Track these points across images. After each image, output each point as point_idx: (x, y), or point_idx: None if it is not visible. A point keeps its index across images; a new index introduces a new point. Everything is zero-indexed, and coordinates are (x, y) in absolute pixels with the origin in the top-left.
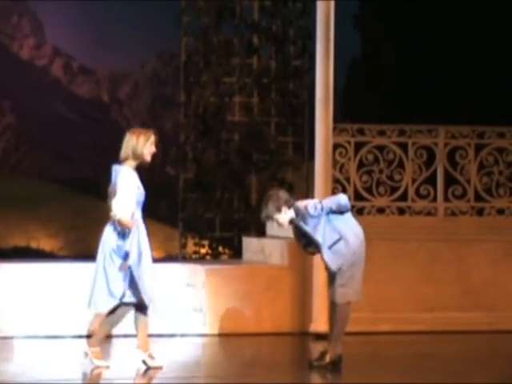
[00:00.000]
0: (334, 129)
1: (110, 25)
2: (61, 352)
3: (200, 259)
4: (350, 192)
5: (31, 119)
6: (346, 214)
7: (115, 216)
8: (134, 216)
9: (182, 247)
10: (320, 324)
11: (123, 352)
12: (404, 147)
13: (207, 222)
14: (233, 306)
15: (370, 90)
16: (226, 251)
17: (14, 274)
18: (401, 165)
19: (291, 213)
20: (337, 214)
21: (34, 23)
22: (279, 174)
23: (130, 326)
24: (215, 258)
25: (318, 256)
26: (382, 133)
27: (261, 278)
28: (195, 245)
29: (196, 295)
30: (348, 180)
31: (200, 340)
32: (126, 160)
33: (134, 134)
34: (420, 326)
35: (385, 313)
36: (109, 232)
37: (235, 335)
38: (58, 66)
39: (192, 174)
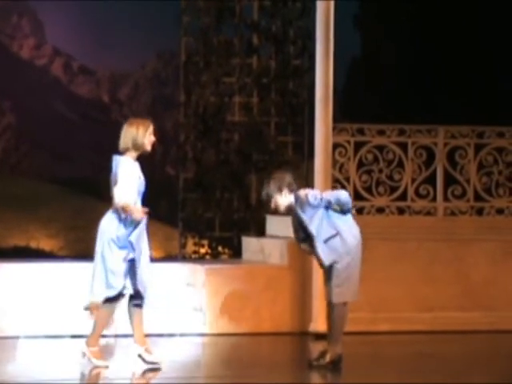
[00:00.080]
0: (334, 128)
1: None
2: (60, 352)
3: (200, 259)
4: (350, 192)
5: (31, 119)
6: (347, 213)
7: (118, 204)
8: (135, 206)
9: (181, 247)
10: (320, 324)
11: (123, 351)
12: (404, 147)
13: (207, 221)
14: (232, 306)
15: (369, 89)
16: (226, 251)
17: (14, 274)
18: (400, 164)
19: (291, 197)
20: (338, 212)
21: (33, 23)
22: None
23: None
24: (215, 257)
25: None
26: (381, 132)
27: (260, 278)
28: (195, 244)
29: (196, 295)
30: (348, 180)
31: (200, 340)
32: (126, 151)
33: (133, 125)
34: (419, 325)
35: (384, 312)
36: (108, 220)
37: (235, 335)
38: (58, 66)
39: (192, 173)
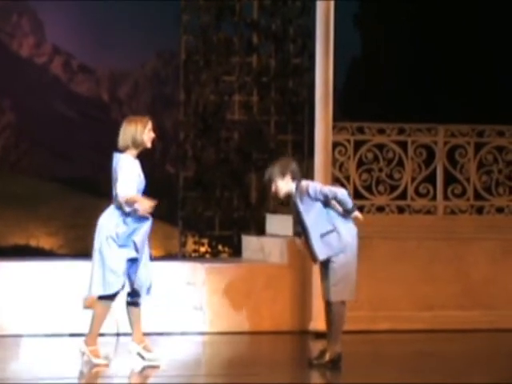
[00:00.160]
0: (334, 127)
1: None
2: (59, 350)
3: (199, 258)
4: (350, 190)
5: (31, 117)
6: (349, 215)
7: (123, 198)
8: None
9: (181, 246)
10: (320, 322)
11: (123, 350)
12: (403, 146)
13: (207, 220)
14: (233, 305)
15: (369, 89)
16: (226, 250)
17: (14, 273)
18: (400, 163)
19: (292, 185)
20: (338, 213)
21: (33, 22)
22: None
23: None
24: (215, 256)
25: None
26: (381, 131)
27: (260, 277)
28: (195, 243)
29: (196, 293)
30: (347, 178)
31: (200, 338)
32: (126, 149)
33: (132, 123)
34: (419, 324)
35: (384, 311)
36: (107, 217)
37: (235, 333)
38: (58, 65)
39: (192, 172)
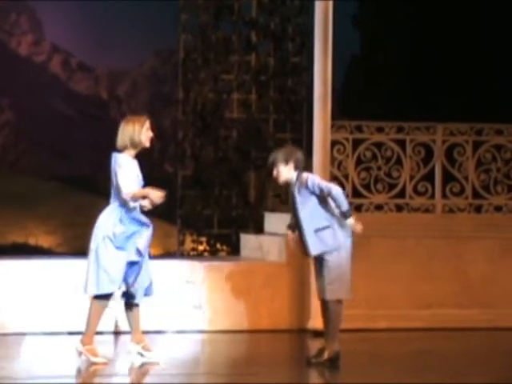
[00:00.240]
0: (332, 126)
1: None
2: (58, 348)
3: (198, 256)
4: (348, 189)
5: (30, 116)
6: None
7: (128, 194)
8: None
9: (180, 244)
10: (318, 321)
11: (121, 348)
12: (402, 144)
13: (205, 218)
14: (231, 303)
15: (368, 88)
16: (224, 248)
17: (13, 271)
18: (399, 162)
19: (294, 174)
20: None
21: (32, 22)
22: None
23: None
24: (213, 254)
25: None
26: (380, 130)
27: (259, 275)
28: (193, 242)
29: (195, 292)
30: (346, 177)
31: (199, 336)
32: (124, 149)
33: (130, 123)
34: (418, 322)
35: (382, 310)
36: (105, 216)
37: (234, 332)
38: (57, 63)
39: (190, 170)
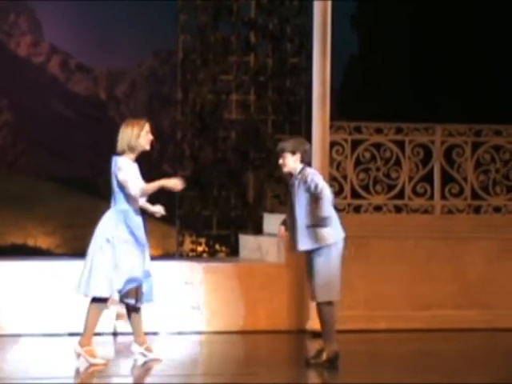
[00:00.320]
0: (331, 127)
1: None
2: (57, 349)
3: (197, 257)
4: (347, 190)
5: (28, 117)
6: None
7: (138, 193)
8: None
9: (179, 245)
10: (317, 322)
11: (121, 349)
12: (401, 145)
13: (204, 219)
14: (230, 304)
15: (367, 88)
16: (223, 249)
17: (11, 272)
18: (398, 163)
19: (299, 166)
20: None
21: (31, 22)
22: (276, 171)
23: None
24: (212, 255)
25: None
26: (378, 131)
27: (257, 276)
28: (192, 242)
29: (194, 293)
30: (345, 178)
31: (197, 337)
32: (123, 153)
33: (128, 127)
34: (416, 323)
35: (381, 310)
36: (106, 220)
37: (232, 333)
38: (56, 64)
39: (189, 171)
